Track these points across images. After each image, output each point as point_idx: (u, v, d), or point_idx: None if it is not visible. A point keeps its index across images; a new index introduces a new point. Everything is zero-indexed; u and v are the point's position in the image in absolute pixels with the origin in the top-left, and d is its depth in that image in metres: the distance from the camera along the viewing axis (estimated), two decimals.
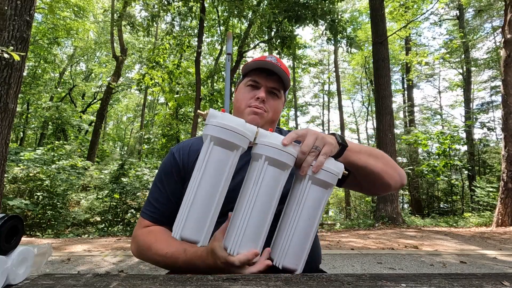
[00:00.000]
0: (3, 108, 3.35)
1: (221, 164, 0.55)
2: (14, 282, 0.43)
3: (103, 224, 6.34)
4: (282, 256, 0.58)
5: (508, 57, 6.48)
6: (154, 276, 0.48)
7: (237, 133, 0.55)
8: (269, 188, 0.56)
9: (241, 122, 0.57)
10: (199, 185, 0.54)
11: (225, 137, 0.54)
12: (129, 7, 8.97)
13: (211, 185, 0.54)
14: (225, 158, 0.55)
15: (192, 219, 0.53)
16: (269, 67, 0.80)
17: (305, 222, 0.58)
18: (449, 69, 16.85)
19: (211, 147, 0.55)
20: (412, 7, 10.62)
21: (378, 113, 7.52)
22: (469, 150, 12.46)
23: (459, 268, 3.01)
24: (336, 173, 0.58)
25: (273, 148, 0.56)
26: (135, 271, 2.83)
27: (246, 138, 0.56)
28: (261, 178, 0.55)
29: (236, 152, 0.56)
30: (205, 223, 0.54)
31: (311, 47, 21.70)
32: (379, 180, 0.72)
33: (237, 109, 0.85)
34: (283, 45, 7.36)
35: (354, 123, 25.17)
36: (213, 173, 0.54)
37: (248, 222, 0.55)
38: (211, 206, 0.54)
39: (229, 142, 0.55)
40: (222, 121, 0.55)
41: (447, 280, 0.47)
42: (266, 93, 0.81)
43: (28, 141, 17.06)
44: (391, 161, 0.75)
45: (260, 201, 0.55)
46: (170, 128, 11.57)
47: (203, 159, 0.55)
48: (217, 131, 0.54)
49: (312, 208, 0.58)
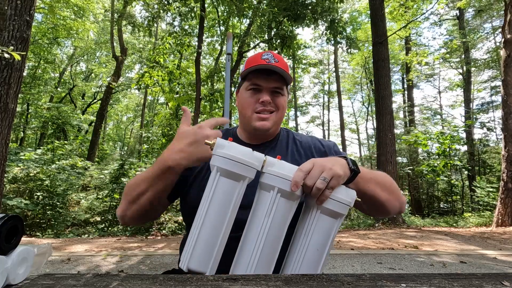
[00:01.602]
0: (3, 108, 3.35)
1: (228, 195, 0.55)
2: (14, 282, 0.43)
3: (103, 224, 6.34)
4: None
5: (508, 57, 6.48)
6: (154, 276, 0.48)
7: (244, 164, 0.54)
8: (280, 219, 0.56)
9: (248, 152, 0.56)
10: (206, 216, 0.54)
11: (232, 168, 0.54)
12: (129, 7, 8.97)
13: (218, 216, 0.54)
14: (232, 189, 0.55)
15: (199, 250, 0.54)
16: (267, 68, 0.78)
17: (313, 253, 0.57)
18: (449, 69, 16.86)
19: (218, 178, 0.55)
20: (412, 7, 10.63)
21: (378, 113, 7.52)
22: (469, 150, 12.46)
23: (459, 268, 3.01)
24: (347, 202, 0.57)
25: (286, 181, 0.55)
26: (135, 271, 2.83)
27: (253, 168, 0.56)
28: (273, 210, 0.55)
29: (242, 183, 0.56)
30: (212, 254, 0.54)
31: (311, 47, 21.70)
32: (381, 208, 0.73)
33: (243, 115, 0.83)
34: (283, 45, 7.35)
35: (354, 123, 25.20)
36: (220, 204, 0.55)
37: (260, 253, 0.55)
38: (218, 237, 0.54)
39: (236, 174, 0.54)
40: (228, 151, 0.55)
41: (447, 280, 0.47)
42: (269, 94, 0.80)
43: (28, 141, 17.05)
44: (396, 189, 0.76)
45: (272, 233, 0.55)
46: (170, 128, 11.56)
47: (210, 190, 0.55)
48: (224, 163, 0.54)
49: (321, 239, 0.57)
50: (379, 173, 0.74)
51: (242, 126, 0.88)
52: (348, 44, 7.19)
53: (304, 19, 6.54)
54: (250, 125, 0.82)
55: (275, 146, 0.87)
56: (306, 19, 6.60)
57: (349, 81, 23.72)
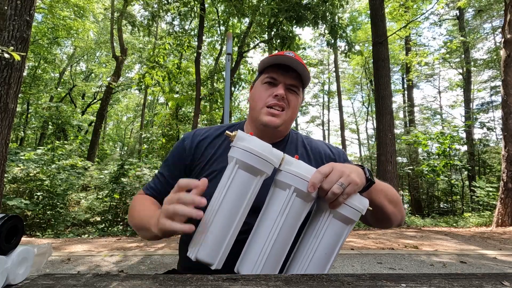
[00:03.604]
0: (3, 108, 3.36)
1: (244, 188, 0.54)
2: (14, 282, 0.43)
3: (103, 224, 6.34)
4: None
5: (508, 57, 6.48)
6: (154, 276, 0.48)
7: (263, 159, 0.54)
8: (293, 219, 0.55)
9: (268, 148, 0.55)
10: (219, 208, 0.53)
11: (251, 162, 0.53)
12: (129, 6, 8.97)
13: (231, 210, 0.54)
14: (249, 183, 0.54)
15: (209, 243, 0.53)
16: (287, 63, 0.76)
17: (321, 256, 0.57)
18: (449, 69, 16.86)
19: (236, 170, 0.54)
20: (412, 7, 10.63)
21: (378, 113, 7.52)
22: (469, 150, 12.46)
23: (459, 268, 3.01)
24: (360, 209, 0.57)
25: (303, 181, 0.54)
26: (135, 271, 2.83)
27: (272, 164, 0.55)
28: (288, 209, 0.54)
29: (259, 178, 0.55)
30: (222, 247, 0.53)
31: (311, 47, 21.70)
32: (385, 220, 0.73)
33: (254, 108, 0.81)
34: (283, 45, 7.35)
35: (354, 123, 25.20)
36: (235, 198, 0.54)
37: (269, 252, 0.54)
38: (229, 231, 0.54)
39: (254, 168, 0.54)
40: (249, 145, 0.54)
41: (447, 280, 0.47)
42: (285, 90, 0.77)
43: (28, 141, 17.05)
44: (400, 202, 0.76)
45: (284, 232, 0.55)
46: (170, 128, 11.56)
47: (226, 181, 0.54)
48: (243, 155, 0.53)
49: (331, 242, 0.57)
50: (387, 185, 0.74)
51: (250, 121, 0.84)
52: (348, 48, 7.23)
53: (305, 21, 6.54)
54: (258, 120, 0.79)
55: (284, 148, 0.84)
56: (307, 21, 6.61)
57: (349, 81, 23.72)
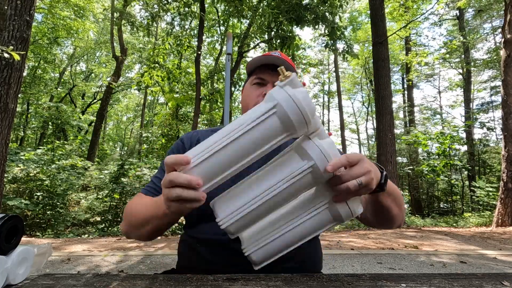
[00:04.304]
0: (3, 108, 3.35)
1: (268, 136, 0.47)
2: (14, 282, 0.43)
3: (103, 224, 6.33)
4: (255, 247, 0.54)
5: (508, 57, 6.48)
6: (154, 276, 0.48)
7: (304, 119, 0.47)
8: (293, 192, 0.51)
9: (314, 109, 0.49)
10: (233, 141, 0.46)
11: (292, 114, 0.46)
12: (129, 6, 8.97)
13: (243, 150, 0.47)
14: (275, 133, 0.48)
15: (205, 168, 0.47)
16: (274, 62, 0.79)
17: (294, 236, 0.54)
18: (449, 69, 16.87)
19: (271, 113, 0.47)
20: (412, 7, 10.63)
21: (378, 113, 7.52)
22: (469, 150, 12.47)
23: (459, 268, 3.01)
24: (354, 214, 0.54)
25: (325, 160, 0.48)
26: (135, 271, 2.83)
27: (307, 129, 0.49)
28: (295, 180, 0.49)
29: (286, 136, 0.49)
30: (215, 178, 0.48)
31: (311, 47, 21.70)
32: (389, 221, 0.73)
33: (244, 108, 0.83)
34: (283, 45, 7.35)
35: (354, 123, 25.23)
36: (253, 140, 0.47)
37: (253, 208, 0.49)
38: (229, 168, 0.48)
39: (291, 123, 0.47)
40: (299, 95, 0.47)
41: (447, 280, 0.47)
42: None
43: (28, 141, 17.05)
44: (403, 204, 0.76)
45: (277, 198, 0.50)
46: (170, 128, 11.56)
47: (255, 119, 0.47)
48: (288, 103, 0.46)
49: (310, 229, 0.54)
50: (395, 187, 0.73)
51: None
52: (346, 51, 7.26)
53: (305, 22, 6.55)
54: None
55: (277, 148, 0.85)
56: (307, 22, 6.61)
57: (349, 81, 23.73)
